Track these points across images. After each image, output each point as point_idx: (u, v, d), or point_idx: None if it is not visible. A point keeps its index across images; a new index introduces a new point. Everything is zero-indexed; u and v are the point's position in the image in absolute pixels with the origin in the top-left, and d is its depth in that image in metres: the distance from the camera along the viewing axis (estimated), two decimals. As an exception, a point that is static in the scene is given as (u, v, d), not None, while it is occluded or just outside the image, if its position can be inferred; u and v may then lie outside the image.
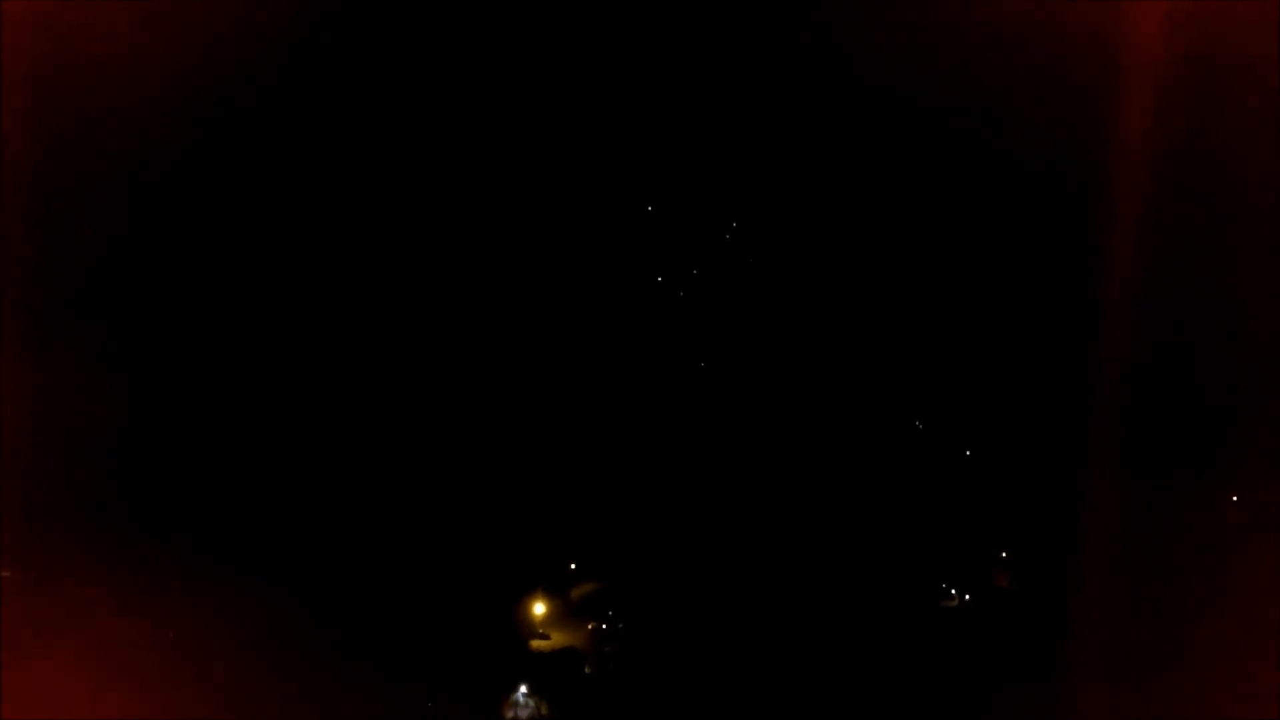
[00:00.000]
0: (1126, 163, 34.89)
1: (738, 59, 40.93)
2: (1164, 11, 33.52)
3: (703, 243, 42.42)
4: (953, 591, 38.40)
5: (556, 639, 38.07)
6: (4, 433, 33.04)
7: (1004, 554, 38.64)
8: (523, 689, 35.41)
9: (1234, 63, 34.50)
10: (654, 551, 38.95)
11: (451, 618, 36.61)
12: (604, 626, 38.39)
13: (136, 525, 35.17)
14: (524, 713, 35.22)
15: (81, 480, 34.80)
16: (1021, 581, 37.92)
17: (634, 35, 41.10)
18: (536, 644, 37.88)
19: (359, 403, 38.99)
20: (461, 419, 39.79)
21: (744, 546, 38.49)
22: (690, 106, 41.43)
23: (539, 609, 38.55)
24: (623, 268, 41.95)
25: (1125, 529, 34.10)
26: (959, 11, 36.91)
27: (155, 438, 37.22)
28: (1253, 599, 31.53)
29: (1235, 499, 35.29)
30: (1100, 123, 35.54)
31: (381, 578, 36.47)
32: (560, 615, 38.72)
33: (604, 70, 40.91)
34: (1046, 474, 37.86)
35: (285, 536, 36.89)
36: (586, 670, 37.14)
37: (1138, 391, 35.50)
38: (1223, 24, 33.62)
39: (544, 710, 35.25)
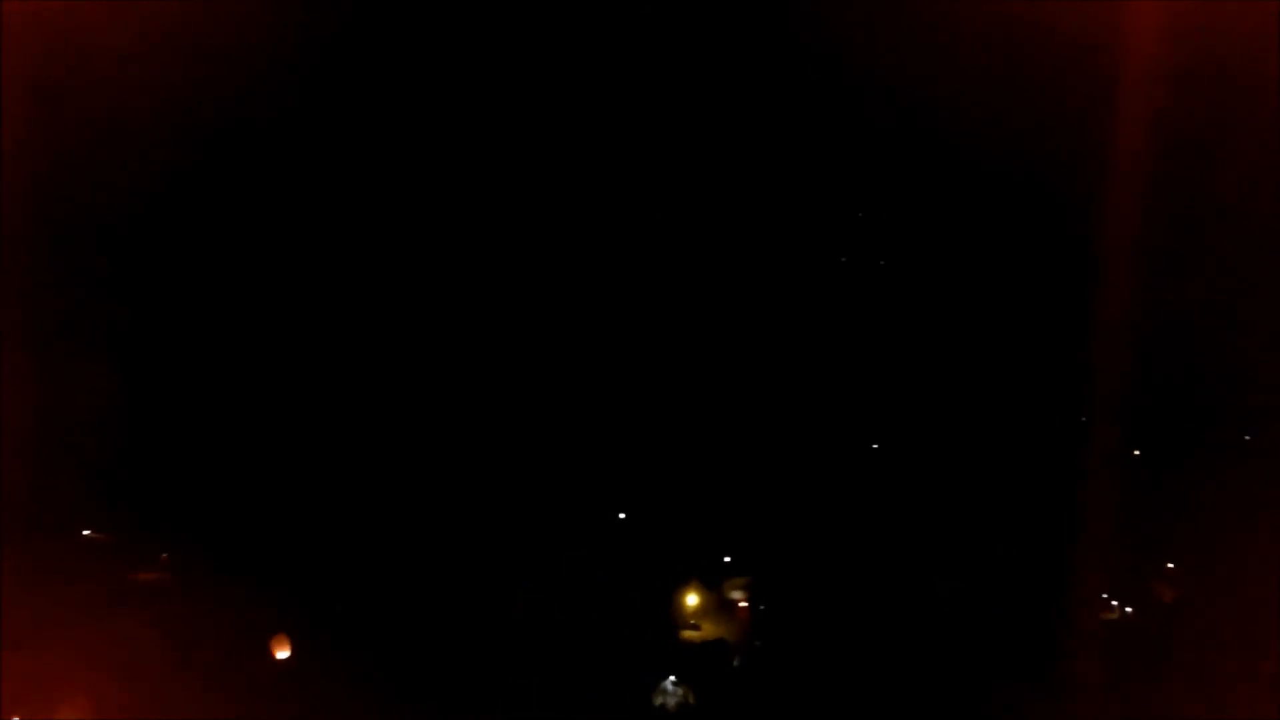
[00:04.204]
0: (1129, 163, 34.30)
1: (737, 59, 40.58)
2: (1166, 13, 32.81)
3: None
4: (1114, 603, 37.28)
5: (707, 630, 38.36)
6: (4, 432, 33.23)
7: (1169, 565, 37.41)
8: (671, 678, 35.72)
9: (1237, 65, 33.26)
10: (809, 547, 38.92)
11: (606, 605, 37.26)
12: (755, 620, 38.52)
13: (145, 523, 36.20)
14: (671, 701, 35.52)
15: (81, 478, 35.40)
16: (1185, 594, 36.66)
17: (645, 37, 40.88)
18: (687, 634, 38.22)
19: (454, 397, 39.60)
20: (626, 409, 40.37)
21: (897, 548, 38.15)
22: (692, 106, 41.17)
23: (691, 600, 38.92)
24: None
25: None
26: (961, 13, 36.16)
27: (160, 436, 38.19)
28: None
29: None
30: (1102, 124, 34.97)
31: (535, 565, 37.28)
32: (713, 607, 39.00)
33: (607, 70, 40.75)
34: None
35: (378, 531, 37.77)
36: (735, 663, 37.27)
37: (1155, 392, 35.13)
38: (1227, 26, 32.20)
39: (690, 700, 35.49)
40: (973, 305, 40.74)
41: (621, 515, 40.03)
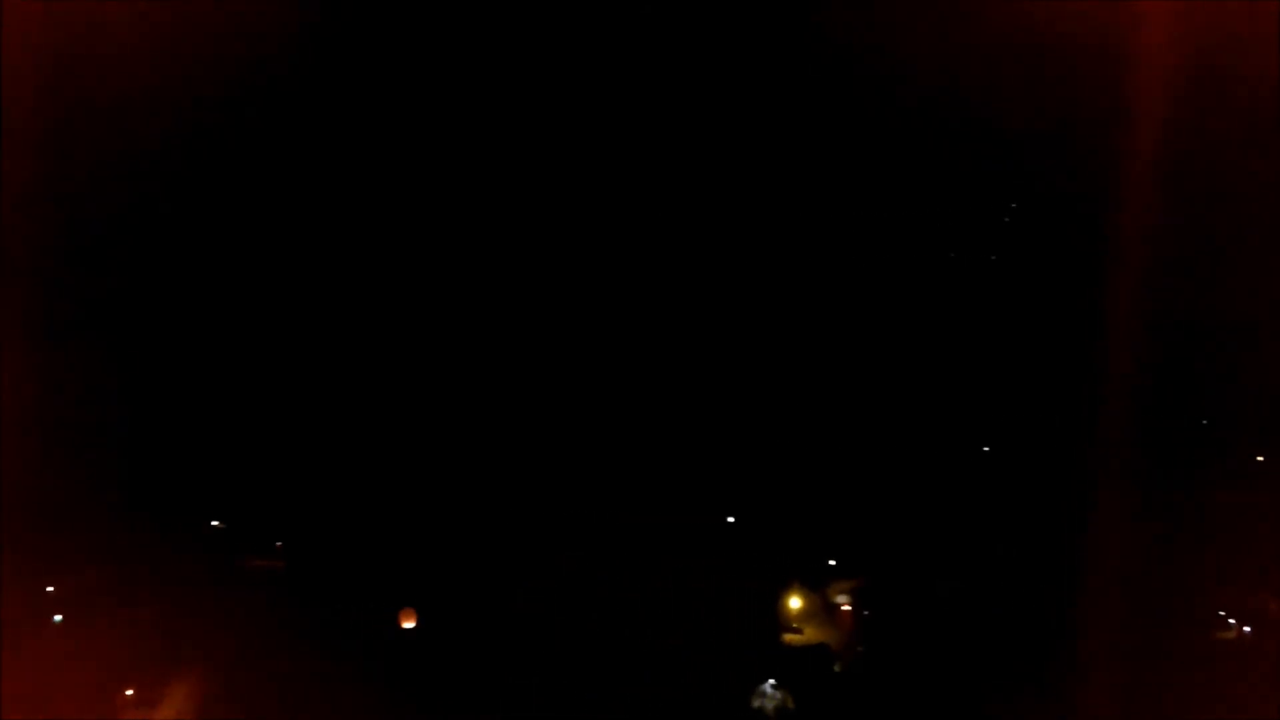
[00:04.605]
0: (1144, 167, 33.88)
1: (742, 60, 39.96)
2: (1172, 15, 32.24)
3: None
4: (1231, 621, 36.05)
5: (809, 634, 38.11)
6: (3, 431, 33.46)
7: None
8: (770, 681, 35.57)
9: (1243, 69, 32.31)
10: (915, 552, 38.40)
11: (710, 606, 37.26)
12: (858, 625, 38.15)
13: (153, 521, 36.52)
14: (769, 704, 35.40)
15: (80, 477, 35.78)
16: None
17: (647, 36, 40.36)
18: (789, 638, 38.00)
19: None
20: (736, 414, 40.31)
21: (1007, 555, 37.42)
22: (697, 107, 40.62)
23: (794, 603, 38.68)
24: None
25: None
26: (965, 15, 35.45)
27: (166, 434, 38.63)
28: None
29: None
30: (1107, 127, 34.47)
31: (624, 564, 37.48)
32: (816, 611, 38.72)
33: (608, 70, 40.26)
34: None
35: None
36: (836, 668, 36.96)
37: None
38: (1233, 27, 31.07)
39: (789, 704, 35.31)
40: (1005, 309, 40.10)
41: (730, 519, 39.89)
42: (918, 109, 39.18)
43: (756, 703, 35.48)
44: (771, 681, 35.56)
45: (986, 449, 40.02)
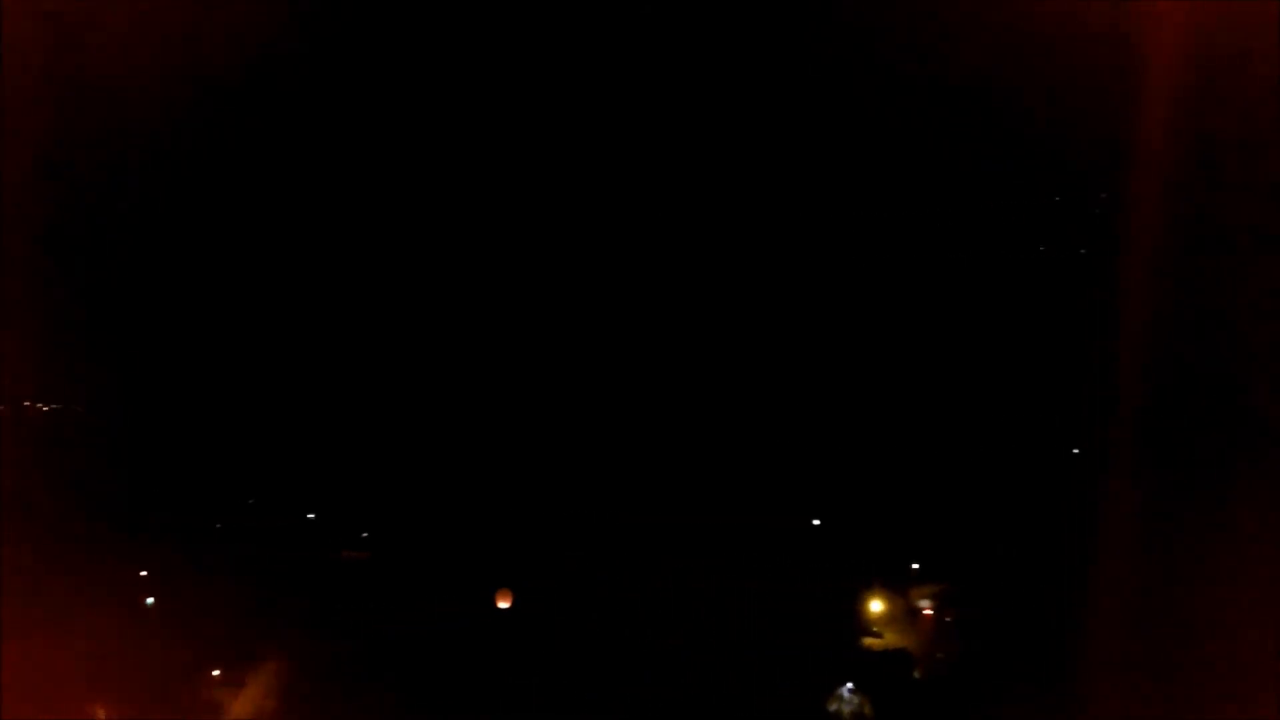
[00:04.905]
0: (1153, 165, 33.47)
1: (744, 60, 39.33)
2: (1183, 13, 31.45)
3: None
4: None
5: (889, 639, 37.64)
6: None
7: None
8: (848, 685, 35.22)
9: (1251, 68, 31.24)
10: (999, 557, 37.73)
11: (789, 607, 37.04)
12: (940, 631, 37.59)
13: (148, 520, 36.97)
14: (846, 708, 35.06)
15: (79, 475, 36.02)
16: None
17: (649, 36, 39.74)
18: (868, 642, 37.58)
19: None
20: (823, 415, 40.09)
21: (1092, 561, 36.52)
22: (704, 106, 40.01)
23: (875, 607, 38.23)
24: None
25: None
26: (970, 13, 34.82)
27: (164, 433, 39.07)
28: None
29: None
30: (1114, 127, 33.90)
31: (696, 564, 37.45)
32: (897, 615, 38.23)
33: (607, 70, 39.72)
34: None
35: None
36: (916, 675, 36.47)
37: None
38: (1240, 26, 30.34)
39: (866, 710, 34.94)
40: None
41: (816, 521, 39.66)
42: (917, 109, 38.61)
43: (833, 707, 35.16)
44: (849, 686, 35.22)
45: (1076, 451, 39.18)
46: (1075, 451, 39.01)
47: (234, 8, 35.24)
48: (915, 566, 38.78)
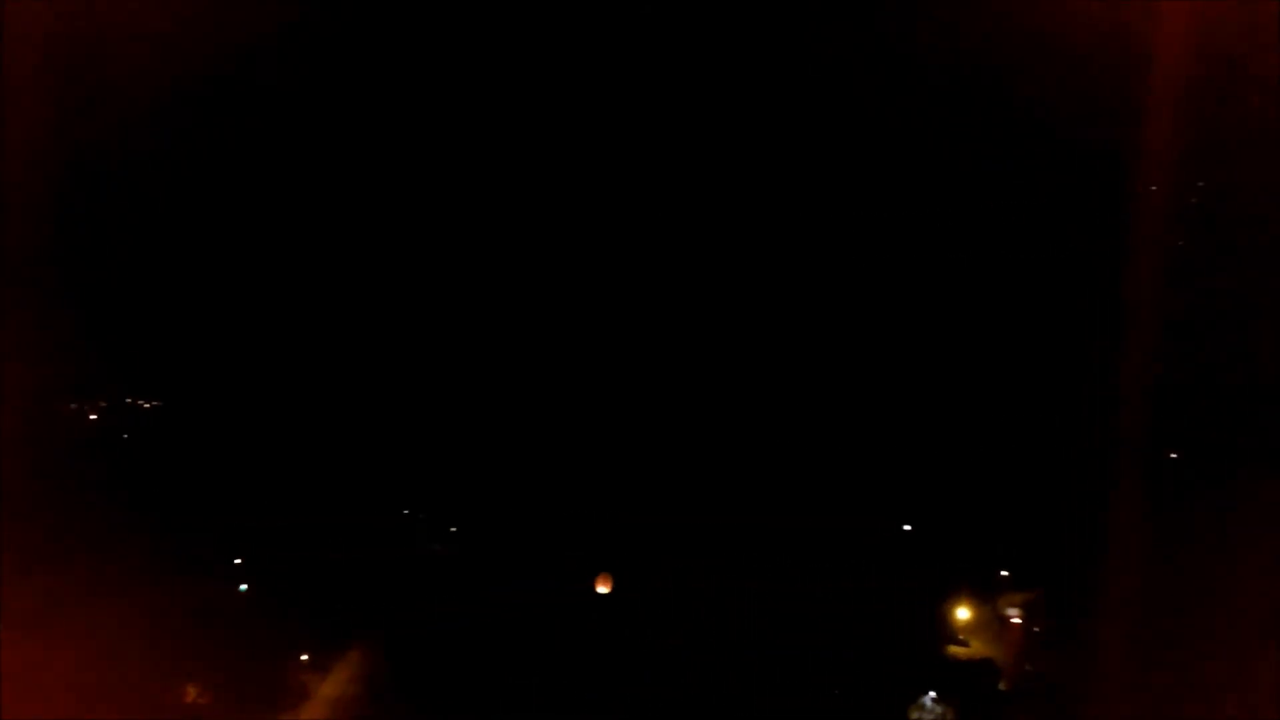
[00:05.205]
0: (1161, 163, 33.31)
1: (747, 59, 38.87)
2: (1189, 14, 31.08)
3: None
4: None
5: (976, 648, 37.12)
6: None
7: None
8: (932, 694, 34.85)
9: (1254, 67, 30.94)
10: (1092, 565, 36.93)
11: (876, 613, 36.71)
12: (1028, 641, 36.95)
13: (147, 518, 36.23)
14: (930, 717, 34.69)
15: (78, 474, 35.74)
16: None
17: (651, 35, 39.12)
18: (954, 650, 37.10)
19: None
20: (912, 423, 39.78)
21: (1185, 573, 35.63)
22: (714, 105, 39.58)
23: (963, 614, 37.73)
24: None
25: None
26: (976, 14, 34.38)
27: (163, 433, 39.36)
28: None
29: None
30: (1117, 126, 33.47)
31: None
32: (985, 624, 37.68)
33: (608, 70, 39.23)
34: None
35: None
36: (1001, 685, 35.91)
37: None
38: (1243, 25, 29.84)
39: (950, 719, 34.55)
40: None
41: (907, 526, 39.28)
42: (921, 108, 37.95)
43: (916, 715, 34.87)
44: (932, 694, 34.84)
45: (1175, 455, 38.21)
46: (1173, 457, 38.15)
47: (234, 8, 35.53)
48: (1005, 574, 38.17)
